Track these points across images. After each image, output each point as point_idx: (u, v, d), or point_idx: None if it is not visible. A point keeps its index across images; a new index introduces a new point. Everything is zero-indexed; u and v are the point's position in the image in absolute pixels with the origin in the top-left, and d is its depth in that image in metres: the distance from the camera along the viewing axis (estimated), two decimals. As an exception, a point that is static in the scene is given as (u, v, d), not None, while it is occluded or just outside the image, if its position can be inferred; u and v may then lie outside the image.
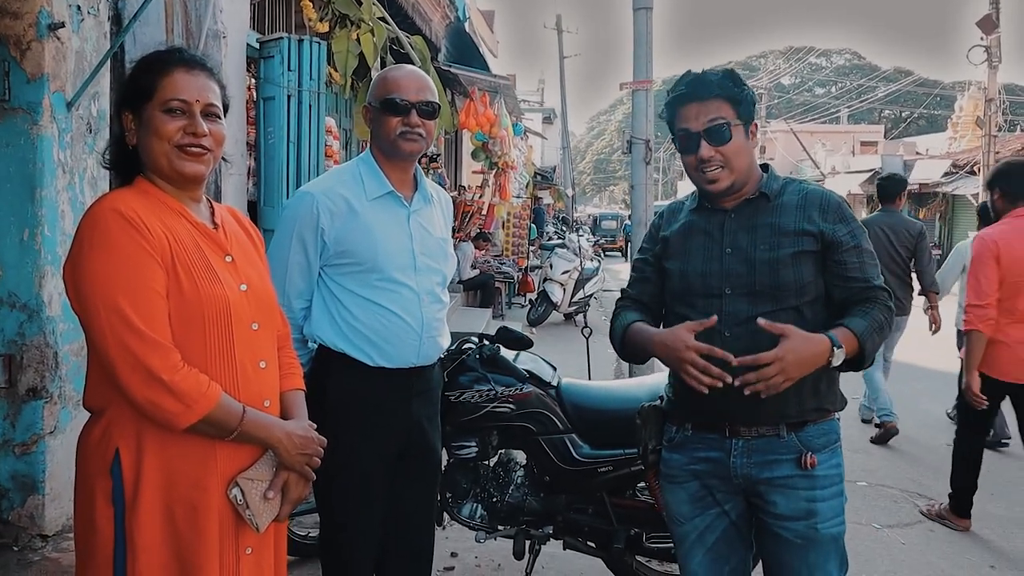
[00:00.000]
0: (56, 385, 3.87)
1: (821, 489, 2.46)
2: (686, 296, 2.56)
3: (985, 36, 21.07)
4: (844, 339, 2.34)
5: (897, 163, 31.84)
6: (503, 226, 19.13)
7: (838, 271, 2.46)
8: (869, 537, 5.27)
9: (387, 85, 2.80)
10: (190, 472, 1.97)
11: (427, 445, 2.96)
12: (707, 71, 2.54)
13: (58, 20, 3.77)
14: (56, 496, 3.88)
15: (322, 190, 2.78)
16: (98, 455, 1.97)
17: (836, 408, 2.55)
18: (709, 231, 2.55)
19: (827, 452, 2.49)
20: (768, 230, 2.47)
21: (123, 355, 1.87)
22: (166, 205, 2.05)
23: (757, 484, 2.49)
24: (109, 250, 1.90)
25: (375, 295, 2.76)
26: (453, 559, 4.40)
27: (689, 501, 2.61)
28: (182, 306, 1.96)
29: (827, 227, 2.45)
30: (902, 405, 9.07)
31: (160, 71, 2.04)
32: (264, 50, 5.66)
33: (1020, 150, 23.10)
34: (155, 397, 1.87)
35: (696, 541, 2.62)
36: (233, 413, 1.98)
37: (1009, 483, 6.48)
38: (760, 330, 2.32)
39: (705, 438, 2.55)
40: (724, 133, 2.44)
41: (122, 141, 2.10)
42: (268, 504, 2.06)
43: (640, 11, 7.25)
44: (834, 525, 2.47)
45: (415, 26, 8.51)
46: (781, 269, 2.42)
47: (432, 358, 2.93)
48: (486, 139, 12.88)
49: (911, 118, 59.48)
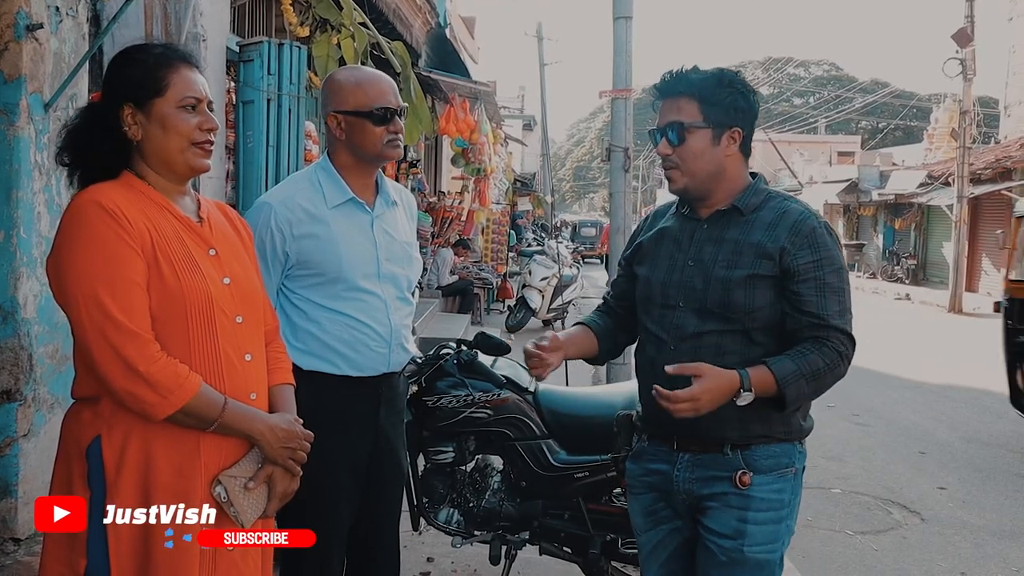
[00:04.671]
0: (30, 388, 3.84)
1: (755, 511, 2.34)
2: (645, 304, 2.52)
3: (960, 49, 21.29)
4: (758, 381, 2.22)
5: (874, 174, 32.15)
6: (482, 232, 19.14)
7: (792, 300, 2.31)
8: (842, 544, 5.31)
9: (368, 94, 2.72)
10: (174, 460, 1.98)
11: (392, 453, 2.93)
12: (692, 69, 2.43)
13: (36, 21, 3.74)
14: (29, 500, 3.84)
15: (280, 200, 2.72)
16: (75, 438, 1.98)
17: (792, 437, 2.41)
18: (679, 240, 2.47)
19: (771, 475, 2.36)
20: (731, 246, 2.36)
21: (101, 345, 1.89)
22: (149, 199, 2.05)
23: (699, 500, 2.41)
24: (89, 241, 1.92)
25: (342, 305, 2.71)
26: (429, 564, 4.39)
27: (643, 513, 2.56)
28: (164, 298, 1.97)
29: (789, 252, 2.30)
30: (877, 413, 9.18)
31: (168, 67, 2.06)
32: (244, 53, 5.64)
33: (994, 162, 23.34)
34: (132, 387, 1.89)
35: (650, 555, 2.57)
36: (213, 405, 1.98)
37: (981, 491, 6.56)
38: (706, 345, 2.33)
39: (657, 449, 2.49)
40: (678, 134, 2.36)
41: (112, 135, 2.06)
42: (252, 499, 2.06)
43: (620, 20, 7.27)
44: (764, 551, 2.36)
45: (396, 31, 8.51)
46: (733, 289, 2.32)
47: (400, 365, 2.90)
48: (466, 145, 12.90)
49: (887, 129, 59.96)
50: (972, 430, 8.60)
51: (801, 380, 2.25)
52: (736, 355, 2.32)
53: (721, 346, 2.34)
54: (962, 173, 21.58)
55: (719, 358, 2.29)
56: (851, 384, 10.71)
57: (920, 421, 8.92)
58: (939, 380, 11.29)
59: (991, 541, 5.48)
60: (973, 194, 22.63)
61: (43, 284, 3.91)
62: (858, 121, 63.93)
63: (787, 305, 2.33)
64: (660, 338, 2.43)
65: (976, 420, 9.13)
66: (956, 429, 8.61)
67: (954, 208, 21.97)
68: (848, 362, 2.34)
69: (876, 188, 30.89)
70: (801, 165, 41.29)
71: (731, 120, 2.38)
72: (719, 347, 2.34)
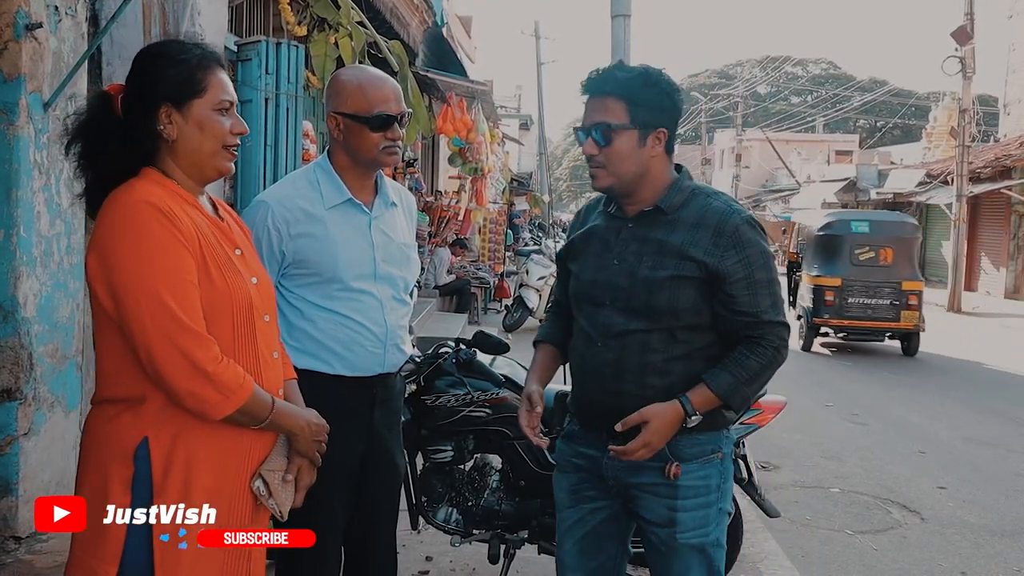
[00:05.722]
0: (31, 387, 3.84)
1: (684, 499, 2.40)
2: (577, 301, 2.55)
3: (959, 47, 21.28)
4: (701, 403, 2.32)
5: (872, 173, 32.16)
6: (479, 232, 19.14)
7: (726, 303, 2.36)
8: (842, 543, 5.30)
9: (368, 98, 2.67)
10: (218, 460, 2.00)
11: (388, 454, 2.92)
12: (618, 67, 2.44)
13: (35, 20, 3.74)
14: (30, 498, 3.84)
15: (277, 199, 2.70)
16: (115, 441, 1.94)
17: (717, 427, 2.46)
18: (606, 239, 2.50)
19: (697, 463, 2.42)
20: (655, 246, 2.39)
21: (167, 346, 1.87)
22: (182, 198, 2.04)
23: (628, 488, 2.47)
24: (145, 241, 1.90)
25: (336, 305, 2.70)
26: (428, 563, 4.39)
27: (567, 491, 2.60)
28: (213, 298, 1.98)
29: (714, 256, 2.33)
30: (876, 413, 9.18)
31: (207, 68, 2.05)
32: (242, 53, 5.65)
33: (994, 160, 23.34)
34: (197, 388, 1.89)
35: (567, 531, 2.61)
36: (264, 403, 2.02)
37: (981, 490, 6.55)
38: (631, 343, 2.38)
39: (588, 435, 2.54)
40: (604, 135, 2.37)
41: (142, 132, 2.02)
42: (287, 491, 2.12)
43: (618, 18, 7.28)
44: (696, 536, 2.41)
45: (393, 31, 8.51)
46: (657, 290, 2.35)
47: (396, 365, 2.88)
48: (463, 144, 12.91)
49: (886, 128, 59.96)
50: (972, 429, 8.59)
51: (741, 387, 2.34)
52: (660, 353, 2.38)
53: (646, 344, 2.38)
54: (961, 172, 21.55)
55: (643, 356, 2.37)
56: (849, 383, 10.77)
57: (919, 420, 8.91)
58: (938, 379, 11.31)
59: (991, 540, 5.47)
60: (972, 193, 22.62)
61: (43, 283, 3.92)
62: (856, 120, 63.93)
63: (720, 307, 2.37)
64: (589, 335, 2.48)
65: (976, 419, 9.13)
66: (956, 428, 8.60)
67: (953, 207, 21.93)
68: (786, 349, 2.41)
69: (874, 187, 30.88)
70: (799, 164, 41.37)
71: (657, 121, 2.39)
72: (644, 345, 2.38)
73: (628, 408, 2.34)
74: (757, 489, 4.07)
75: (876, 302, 12.81)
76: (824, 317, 12.99)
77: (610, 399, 2.41)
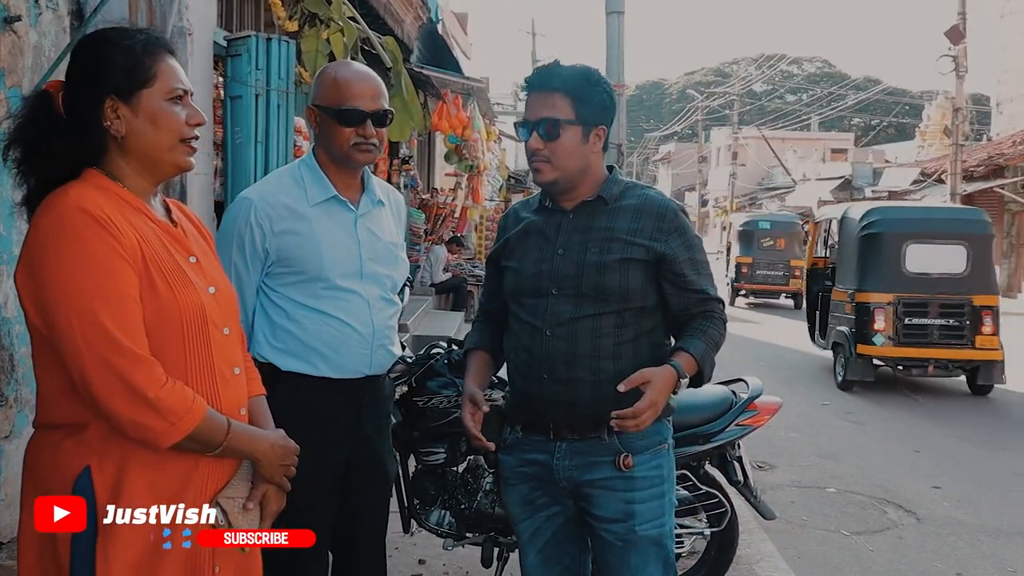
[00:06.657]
0: (12, 388, 3.77)
1: (639, 491, 2.46)
2: (517, 295, 2.57)
3: (953, 46, 21.31)
4: (686, 365, 2.40)
5: (867, 171, 32.22)
6: (476, 229, 19.11)
7: (677, 282, 2.48)
8: (838, 544, 5.27)
9: (340, 92, 2.62)
10: (170, 489, 1.83)
11: (377, 459, 2.86)
12: (560, 65, 2.49)
13: (15, 13, 3.67)
14: (11, 502, 3.77)
15: (260, 195, 2.65)
16: (54, 471, 1.80)
17: (661, 416, 2.47)
18: (546, 232, 2.55)
19: (648, 454, 2.49)
20: (601, 233, 2.47)
21: (102, 370, 1.70)
22: (127, 202, 1.85)
23: (580, 486, 2.49)
24: (78, 253, 1.72)
25: (322, 304, 2.63)
26: (421, 566, 4.35)
27: (520, 503, 2.62)
28: (159, 313, 1.80)
29: (658, 240, 2.45)
30: (872, 412, 9.16)
31: (155, 54, 1.88)
32: (232, 48, 5.58)
33: (987, 159, 23.40)
34: (138, 416, 1.71)
35: (528, 542, 2.63)
36: (218, 428, 1.84)
37: (976, 490, 6.53)
38: (582, 329, 2.43)
39: (533, 440, 2.56)
40: (552, 130, 2.42)
41: (85, 129, 1.85)
42: (249, 520, 1.96)
43: (613, 15, 7.26)
44: (653, 527, 2.47)
45: (387, 27, 8.44)
46: (607, 273, 2.43)
47: (384, 367, 2.81)
48: (459, 141, 12.86)
49: (880, 126, 60.13)
50: (967, 429, 8.57)
51: (710, 352, 2.48)
52: (610, 337, 2.45)
53: (597, 329, 2.45)
54: (955, 170, 21.64)
55: (595, 341, 2.43)
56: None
57: (915, 420, 8.90)
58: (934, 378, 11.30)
59: (987, 541, 5.44)
60: (966, 191, 22.68)
61: (24, 283, 3.84)
62: (851, 118, 64.07)
63: (670, 287, 2.49)
64: (534, 326, 2.50)
65: (971, 419, 9.10)
66: (951, 428, 8.58)
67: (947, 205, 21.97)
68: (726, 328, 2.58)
69: (869, 185, 30.93)
70: (794, 162, 41.45)
71: (598, 119, 2.48)
72: (595, 330, 2.45)
73: (582, 397, 2.42)
74: (753, 491, 4.05)
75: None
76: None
77: (563, 389, 2.44)
